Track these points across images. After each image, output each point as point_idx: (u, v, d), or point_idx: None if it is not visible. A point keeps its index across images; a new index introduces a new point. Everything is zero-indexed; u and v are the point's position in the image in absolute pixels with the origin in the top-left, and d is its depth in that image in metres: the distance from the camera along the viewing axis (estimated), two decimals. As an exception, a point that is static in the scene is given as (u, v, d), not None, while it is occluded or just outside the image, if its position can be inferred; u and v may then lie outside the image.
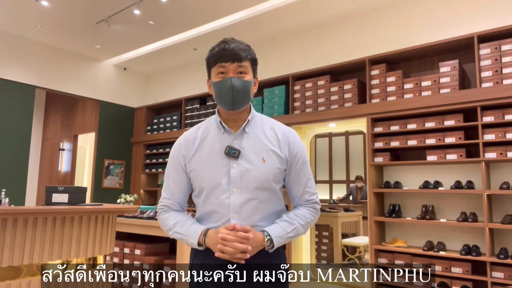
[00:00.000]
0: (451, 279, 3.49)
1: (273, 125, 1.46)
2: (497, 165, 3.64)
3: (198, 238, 1.32)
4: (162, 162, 6.46)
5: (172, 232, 1.38)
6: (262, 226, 1.35)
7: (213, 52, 1.37)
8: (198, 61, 6.62)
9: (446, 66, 3.83)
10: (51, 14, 5.12)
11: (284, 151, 1.40)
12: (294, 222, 1.38)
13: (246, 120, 1.41)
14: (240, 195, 1.34)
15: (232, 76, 1.33)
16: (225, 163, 1.35)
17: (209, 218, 1.38)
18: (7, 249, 2.06)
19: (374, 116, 4.17)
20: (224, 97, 1.35)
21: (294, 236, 1.37)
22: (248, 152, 1.37)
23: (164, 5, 4.80)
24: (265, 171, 1.35)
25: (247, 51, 1.36)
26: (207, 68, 1.42)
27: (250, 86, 1.37)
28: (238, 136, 1.39)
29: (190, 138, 1.44)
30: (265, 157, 1.37)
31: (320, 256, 5.76)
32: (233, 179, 1.34)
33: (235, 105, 1.35)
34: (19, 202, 5.56)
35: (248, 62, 1.37)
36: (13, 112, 5.69)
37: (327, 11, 4.84)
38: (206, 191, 1.36)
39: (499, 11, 3.86)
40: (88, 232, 2.40)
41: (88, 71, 6.65)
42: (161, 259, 3.69)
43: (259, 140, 1.40)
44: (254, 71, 1.40)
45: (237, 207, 1.33)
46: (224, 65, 1.33)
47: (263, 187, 1.35)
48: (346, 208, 6.72)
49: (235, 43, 1.35)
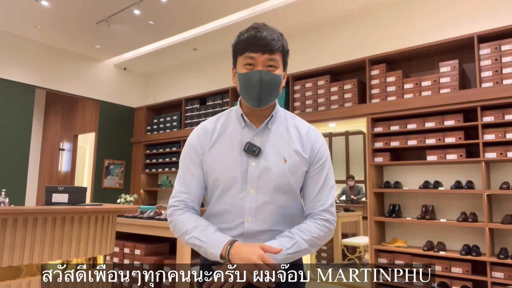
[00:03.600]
0: (451, 279, 3.49)
1: (296, 123, 1.33)
2: (497, 165, 3.64)
3: (221, 249, 1.14)
4: (162, 162, 6.46)
5: (190, 237, 1.20)
6: (279, 231, 1.24)
7: (242, 38, 1.22)
8: (198, 61, 6.62)
9: (446, 66, 3.83)
10: (51, 14, 5.12)
11: (306, 152, 1.28)
12: (295, 236, 1.20)
13: (270, 115, 1.29)
14: (257, 197, 1.22)
15: (261, 69, 1.20)
16: (244, 160, 1.24)
17: (221, 218, 1.26)
18: (7, 249, 2.06)
19: (374, 116, 4.17)
20: (250, 91, 1.22)
21: (296, 253, 1.19)
22: (269, 150, 1.25)
23: (164, 5, 4.80)
24: (285, 173, 1.23)
25: (280, 41, 1.22)
26: (233, 55, 1.28)
27: (279, 81, 1.23)
28: (259, 132, 1.27)
29: (209, 129, 1.31)
30: (287, 157, 1.25)
31: (320, 256, 5.76)
32: (251, 178, 1.23)
33: (261, 101, 1.22)
34: (19, 202, 5.55)
35: (280, 54, 1.23)
36: (13, 112, 5.69)
37: (327, 11, 4.84)
38: (221, 189, 1.25)
39: (499, 11, 3.86)
40: (88, 232, 2.40)
41: (88, 71, 6.65)
42: (161, 259, 3.69)
43: (282, 139, 1.28)
44: (284, 64, 1.27)
45: (253, 209, 1.22)
46: (253, 56, 1.20)
47: (282, 189, 1.24)
48: (346, 208, 6.72)
49: (267, 30, 1.20)
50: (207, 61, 6.46)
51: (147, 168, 6.72)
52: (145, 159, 6.77)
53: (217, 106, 5.81)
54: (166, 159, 6.36)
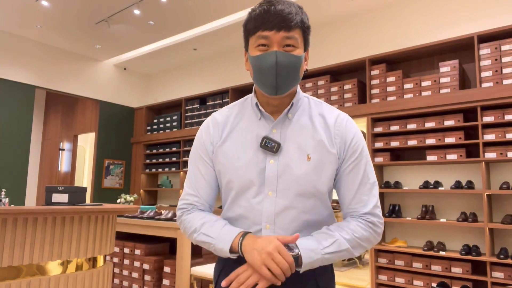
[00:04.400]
0: (451, 279, 3.49)
1: (323, 110, 1.12)
2: (497, 165, 3.64)
3: (231, 242, 1.00)
4: (162, 162, 6.46)
5: (198, 234, 1.07)
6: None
7: (253, 15, 1.03)
8: (198, 61, 6.62)
9: (446, 66, 3.83)
10: (51, 14, 5.12)
11: (335, 145, 1.07)
12: (335, 234, 1.02)
13: (290, 104, 1.09)
14: (276, 201, 1.04)
15: (277, 49, 1.00)
16: (260, 158, 1.06)
17: (236, 224, 1.10)
18: (7, 249, 2.06)
19: (374, 116, 4.17)
20: (264, 77, 1.02)
21: (336, 253, 1.01)
22: (289, 145, 1.06)
23: (164, 5, 4.80)
24: (309, 172, 1.04)
25: (299, 14, 1.02)
26: (244, 37, 1.08)
27: (300, 64, 1.03)
28: (278, 124, 1.09)
29: (220, 122, 1.14)
30: (311, 154, 1.05)
31: (320, 256, 5.75)
32: (269, 179, 1.05)
33: (279, 88, 1.02)
34: (19, 202, 5.56)
35: (299, 30, 1.03)
36: (13, 112, 5.69)
37: (327, 11, 4.84)
38: (235, 191, 1.08)
39: (499, 11, 3.86)
40: (88, 232, 2.40)
41: (88, 71, 6.65)
42: (161, 259, 3.69)
43: (305, 131, 1.08)
44: (306, 42, 1.07)
45: (271, 215, 1.04)
46: (266, 34, 1.00)
47: (306, 192, 1.05)
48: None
49: (283, 3, 1.01)
50: (207, 61, 6.46)
51: (147, 168, 6.72)
52: (145, 159, 6.77)
53: (217, 106, 5.81)
54: (166, 159, 6.36)
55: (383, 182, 4.24)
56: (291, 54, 1.01)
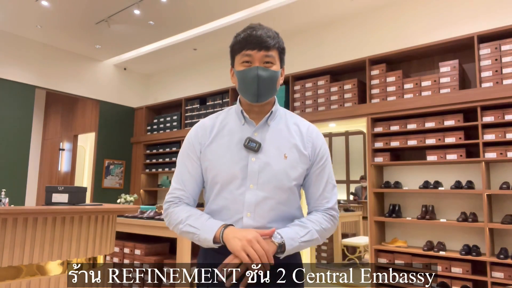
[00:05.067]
0: (451, 279, 3.49)
1: (297, 120, 1.36)
2: (497, 165, 3.64)
3: (214, 233, 1.16)
4: (162, 162, 6.46)
5: (184, 225, 1.22)
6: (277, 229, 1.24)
7: (238, 38, 1.26)
8: (198, 61, 6.62)
9: (446, 66, 3.83)
10: (51, 14, 5.12)
11: (307, 149, 1.29)
12: (308, 225, 1.23)
13: (269, 112, 1.31)
14: (257, 192, 1.22)
15: (258, 65, 1.23)
16: (244, 156, 1.24)
17: (219, 214, 1.25)
18: (7, 249, 2.06)
19: (374, 116, 4.17)
20: (248, 87, 1.24)
21: (308, 241, 1.22)
22: (269, 146, 1.26)
23: (164, 5, 4.80)
24: (285, 169, 1.24)
25: (275, 39, 1.26)
26: (231, 55, 1.31)
27: (277, 77, 1.26)
28: (259, 128, 1.29)
29: (208, 126, 1.33)
30: (287, 154, 1.26)
31: (320, 256, 5.76)
32: (251, 173, 1.23)
33: (260, 96, 1.24)
34: (19, 202, 5.56)
35: (276, 51, 1.26)
36: (13, 112, 5.69)
37: (327, 11, 4.84)
38: (220, 184, 1.25)
39: (499, 11, 3.86)
40: (88, 232, 2.40)
41: (88, 71, 6.65)
42: (161, 259, 3.69)
43: (282, 135, 1.29)
44: (281, 61, 1.30)
45: (252, 204, 1.22)
46: (249, 53, 1.23)
47: (283, 186, 1.24)
48: (346, 208, 6.73)
49: (262, 29, 1.25)
50: (207, 61, 6.46)
51: (147, 168, 6.72)
52: (145, 159, 6.77)
53: (217, 106, 5.81)
54: (166, 159, 6.36)
55: (383, 182, 4.24)
56: (270, 69, 1.24)
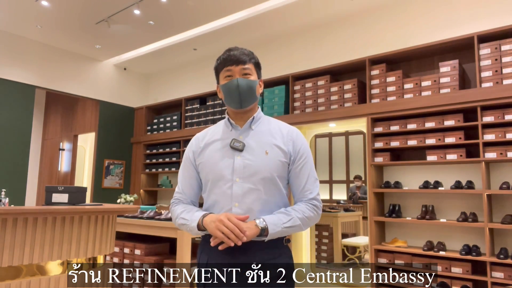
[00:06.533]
0: (451, 279, 3.49)
1: (279, 124, 1.54)
2: (497, 165, 3.64)
3: (197, 221, 1.37)
4: (162, 162, 6.46)
5: (179, 219, 1.45)
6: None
7: (220, 60, 1.49)
8: (198, 61, 6.62)
9: (446, 66, 3.83)
10: (51, 14, 5.12)
11: (287, 146, 1.46)
12: (291, 213, 1.40)
13: (252, 117, 1.50)
14: (243, 185, 1.39)
15: (238, 77, 1.43)
16: (230, 155, 1.43)
17: (213, 208, 1.44)
18: (7, 249, 2.06)
19: (374, 116, 4.17)
20: (232, 96, 1.44)
21: (291, 227, 1.38)
22: (252, 145, 1.44)
23: (164, 5, 4.80)
24: (267, 163, 1.41)
25: (250, 55, 1.49)
26: (216, 75, 1.53)
27: (255, 85, 1.46)
28: (244, 132, 1.48)
29: (200, 136, 1.57)
30: (268, 150, 1.43)
31: (320, 256, 5.76)
32: (236, 169, 1.40)
33: (243, 103, 1.44)
34: (19, 202, 5.56)
35: (252, 64, 1.48)
36: (13, 112, 5.69)
37: (327, 11, 4.84)
38: (211, 182, 1.44)
39: (499, 11, 3.86)
40: (88, 232, 2.40)
41: (88, 71, 6.65)
42: (161, 259, 3.69)
43: (264, 136, 1.47)
44: (258, 73, 1.51)
45: (239, 196, 1.39)
46: (230, 68, 1.45)
47: (265, 178, 1.40)
48: (346, 208, 6.72)
49: (238, 50, 1.47)
50: (207, 61, 6.46)
51: (147, 168, 6.72)
52: (145, 159, 6.77)
53: (217, 106, 5.81)
54: (166, 159, 6.36)
55: (383, 182, 4.24)
56: (248, 79, 1.44)
